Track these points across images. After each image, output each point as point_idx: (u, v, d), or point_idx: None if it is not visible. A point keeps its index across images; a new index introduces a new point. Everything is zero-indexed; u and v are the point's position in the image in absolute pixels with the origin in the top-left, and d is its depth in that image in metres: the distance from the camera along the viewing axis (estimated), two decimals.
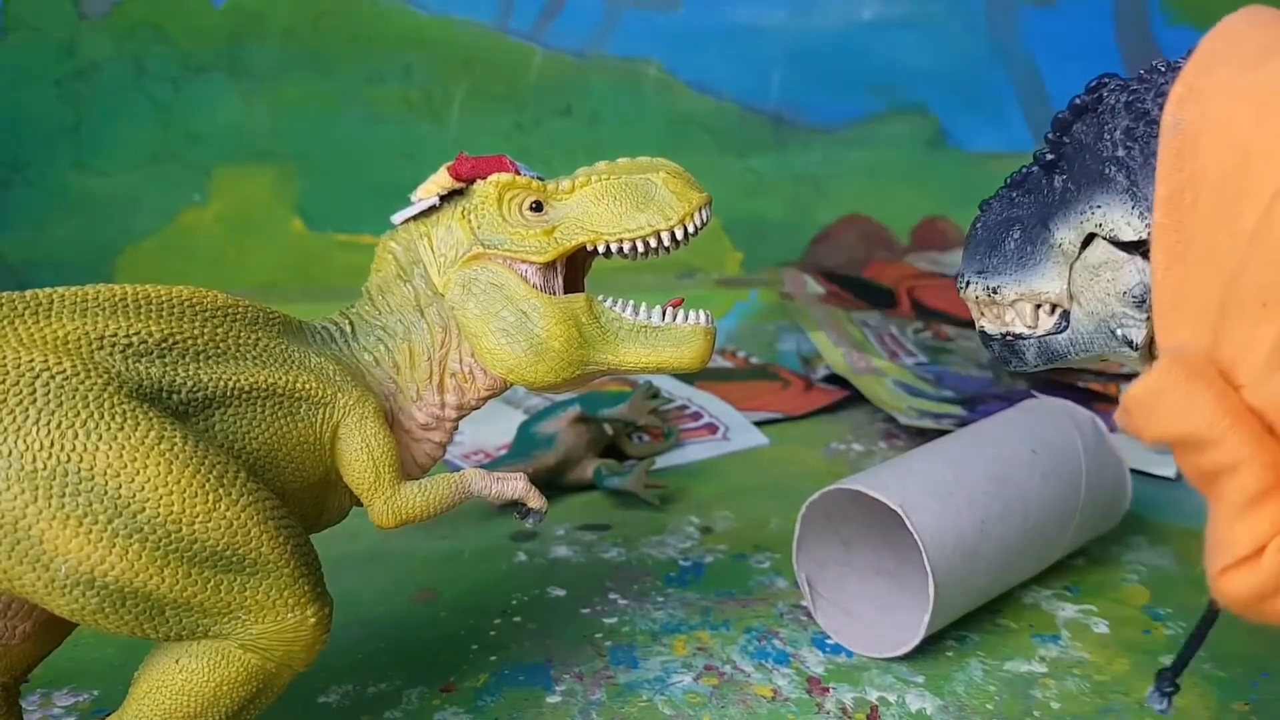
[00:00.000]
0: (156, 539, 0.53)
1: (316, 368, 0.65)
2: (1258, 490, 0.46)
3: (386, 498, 0.66)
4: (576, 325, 0.67)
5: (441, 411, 0.70)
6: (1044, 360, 0.61)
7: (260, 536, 0.56)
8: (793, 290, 1.62)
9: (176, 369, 0.59)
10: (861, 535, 0.86)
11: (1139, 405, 0.49)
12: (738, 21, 1.87)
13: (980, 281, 0.61)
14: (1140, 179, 0.54)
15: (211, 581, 0.54)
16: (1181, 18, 1.93)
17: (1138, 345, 0.56)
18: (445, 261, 0.68)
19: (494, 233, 0.68)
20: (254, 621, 0.56)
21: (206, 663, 0.56)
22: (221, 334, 0.62)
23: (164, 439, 0.54)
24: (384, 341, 0.69)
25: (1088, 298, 0.58)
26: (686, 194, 0.67)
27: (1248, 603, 0.47)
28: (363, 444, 0.65)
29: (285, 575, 0.57)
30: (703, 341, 0.69)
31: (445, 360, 0.69)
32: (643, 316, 0.69)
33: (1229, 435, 0.46)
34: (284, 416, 0.62)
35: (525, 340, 0.67)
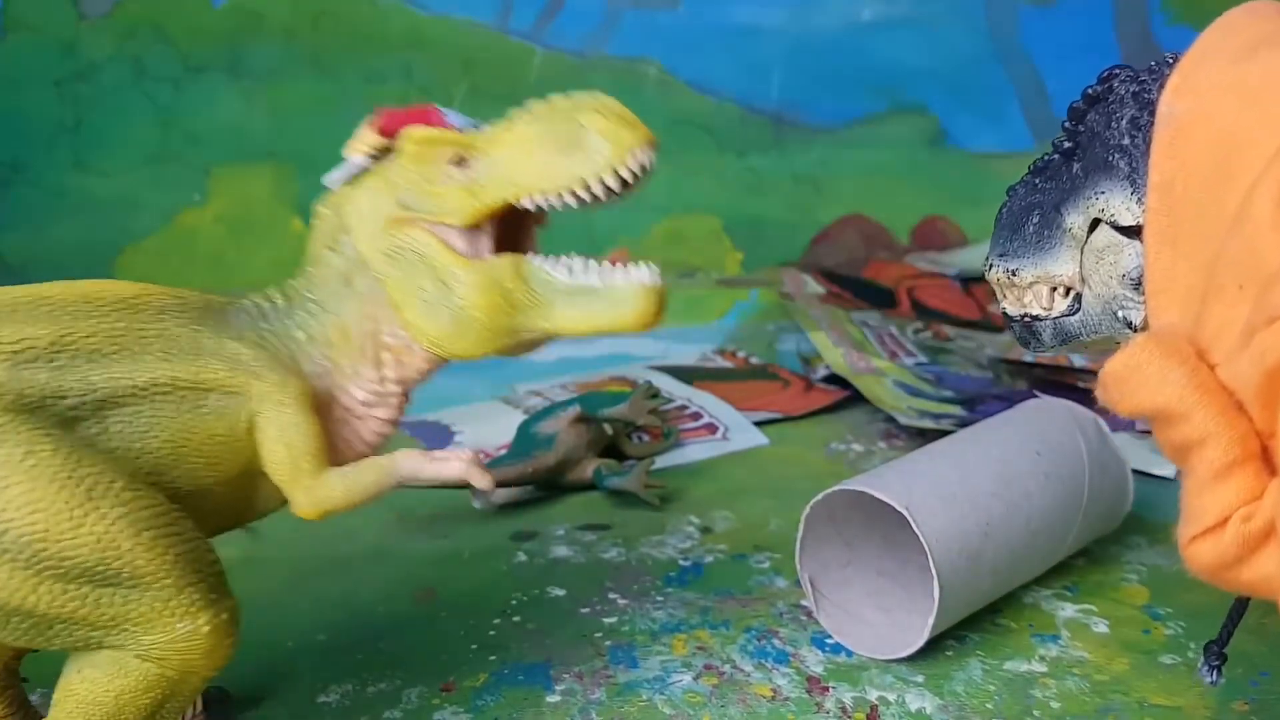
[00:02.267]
0: (26, 559, 0.52)
1: (229, 355, 0.61)
2: (1224, 463, 0.48)
3: (305, 488, 0.62)
4: (501, 292, 0.62)
5: (381, 387, 0.66)
6: (1059, 341, 0.64)
7: (134, 549, 0.54)
8: (793, 290, 1.62)
9: (65, 374, 0.56)
10: (863, 536, 0.86)
11: (1115, 379, 0.51)
12: (738, 21, 1.87)
13: (1001, 264, 0.64)
14: (1140, 166, 0.56)
15: (90, 597, 0.53)
16: (1181, 17, 1.93)
17: (1137, 326, 0.58)
18: (370, 228, 0.64)
19: (414, 194, 0.63)
20: (143, 633, 0.55)
21: (105, 673, 0.55)
22: (120, 329, 0.59)
23: (30, 454, 0.52)
24: (315, 316, 0.65)
25: (1095, 281, 0.60)
26: (620, 135, 0.60)
27: (1213, 571, 0.49)
28: (279, 433, 0.61)
29: (168, 586, 0.55)
30: (645, 300, 0.63)
31: (378, 334, 0.65)
32: (578, 276, 0.63)
33: (1198, 410, 0.48)
34: (189, 411, 0.59)
35: (447, 312, 0.63)
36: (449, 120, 0.64)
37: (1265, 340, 0.46)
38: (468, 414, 1.28)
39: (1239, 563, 0.48)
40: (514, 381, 1.38)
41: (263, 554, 0.94)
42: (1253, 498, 0.48)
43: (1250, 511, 0.48)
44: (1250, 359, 0.47)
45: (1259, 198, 0.47)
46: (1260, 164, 0.48)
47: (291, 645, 0.80)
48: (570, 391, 1.30)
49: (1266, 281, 0.46)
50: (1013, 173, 0.68)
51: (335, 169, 0.66)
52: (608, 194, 0.62)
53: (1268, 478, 0.48)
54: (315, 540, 0.99)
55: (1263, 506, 0.47)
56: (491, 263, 0.63)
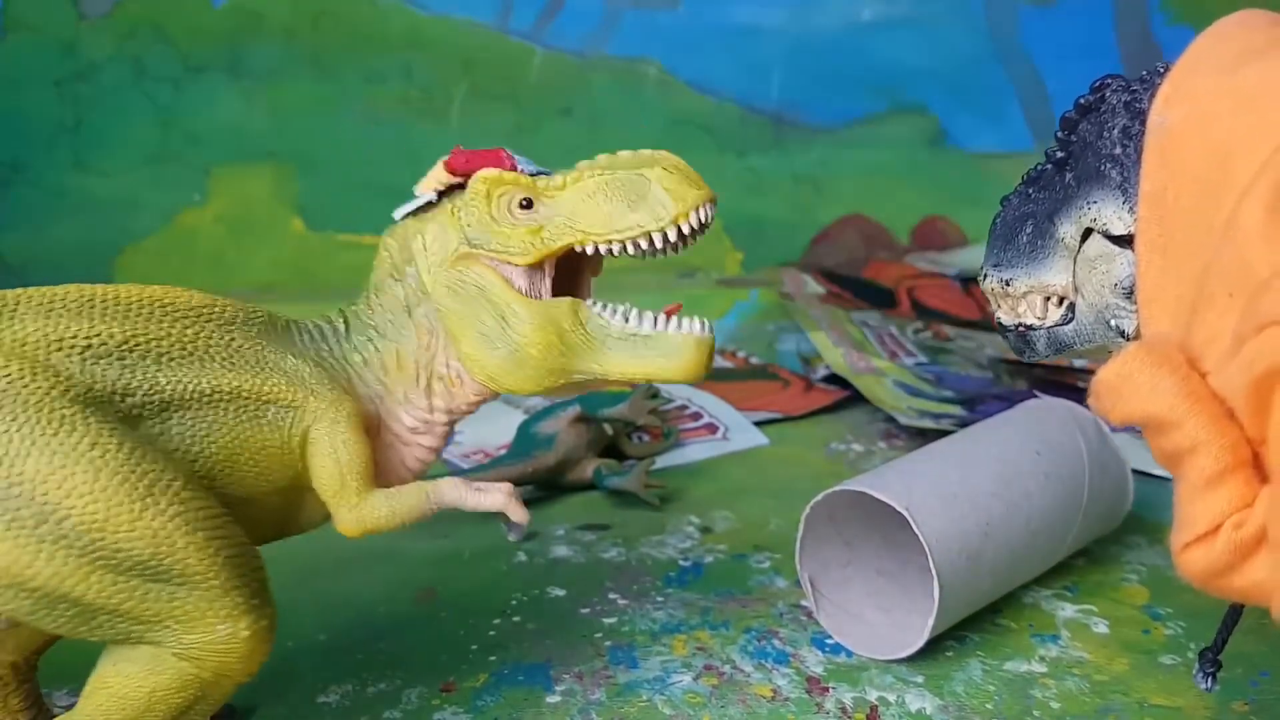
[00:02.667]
0: (81, 547, 0.52)
1: (290, 370, 0.63)
2: (1215, 471, 0.48)
3: (351, 505, 0.64)
4: (558, 332, 0.65)
5: (430, 415, 0.68)
6: (1053, 350, 0.64)
7: (187, 548, 0.55)
8: (793, 290, 1.62)
9: (134, 372, 0.58)
10: (863, 536, 0.86)
11: (1107, 388, 0.51)
12: (738, 21, 1.87)
13: (996, 274, 0.65)
14: (1132, 175, 0.56)
15: (139, 591, 0.54)
16: (1181, 18, 1.93)
17: (1130, 335, 0.58)
18: (435, 261, 0.66)
19: (481, 231, 0.65)
20: (184, 632, 0.56)
21: (142, 668, 0.56)
22: (190, 335, 0.61)
23: (96, 445, 0.53)
24: (374, 342, 0.68)
25: (1088, 290, 0.60)
26: (683, 192, 0.64)
27: (1205, 578, 0.50)
28: (330, 449, 0.63)
29: (215, 588, 0.56)
30: (696, 353, 0.66)
31: (432, 364, 0.68)
32: (633, 324, 0.66)
33: (1189, 418, 0.49)
34: (248, 420, 0.61)
35: (504, 347, 0.65)
36: (519, 164, 0.67)
37: (1254, 348, 0.46)
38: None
39: (1231, 570, 0.48)
40: None
41: (263, 554, 0.94)
42: (1244, 505, 0.48)
43: (1242, 518, 0.48)
44: (1240, 367, 0.47)
45: (1248, 207, 0.47)
46: (1250, 172, 0.48)
47: (291, 645, 0.80)
48: None
49: (1256, 290, 0.46)
50: (1013, 173, 0.69)
51: (404, 203, 0.68)
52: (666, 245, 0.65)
53: (1259, 485, 0.48)
54: (315, 540, 0.99)
55: (1254, 513, 0.48)
56: (550, 303, 0.66)
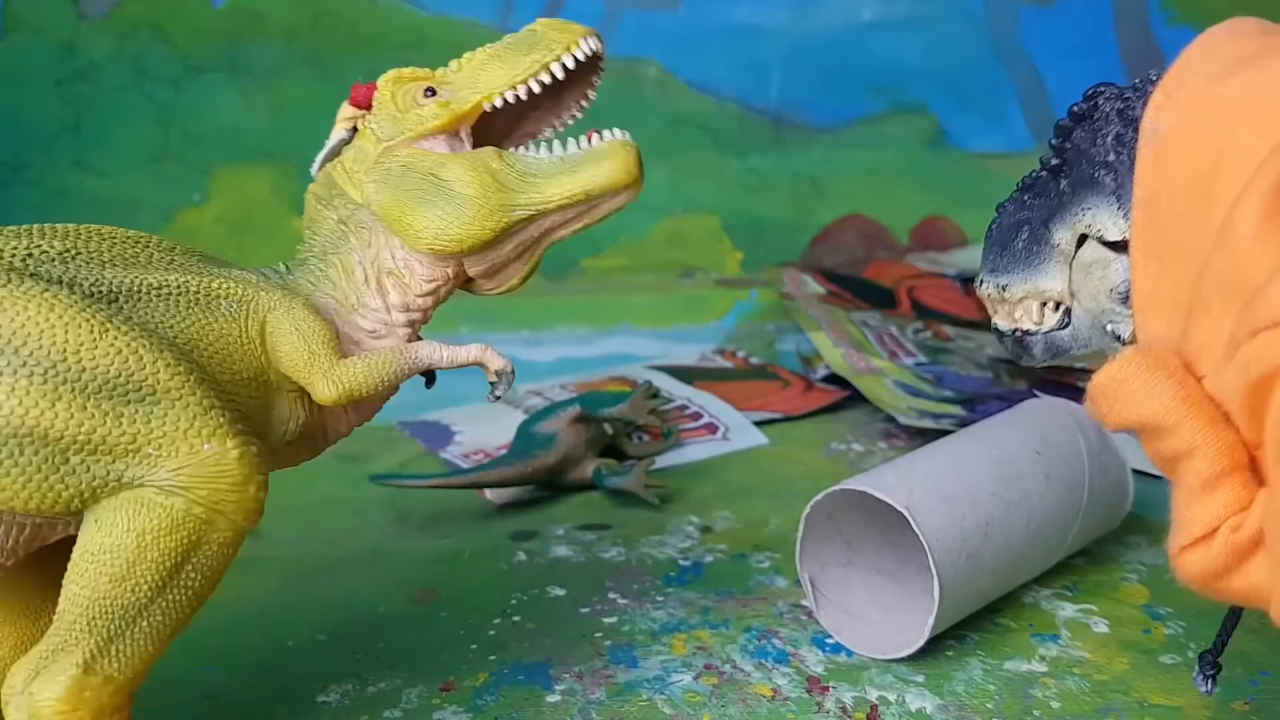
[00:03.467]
0: (43, 372, 0.51)
1: (237, 275, 0.64)
2: (1211, 474, 0.48)
3: (324, 371, 0.63)
4: (490, 172, 0.65)
5: (388, 315, 0.68)
6: (1050, 355, 0.64)
7: (155, 363, 0.53)
8: (793, 290, 1.62)
9: (78, 270, 0.57)
10: (863, 535, 0.86)
11: (1102, 392, 0.52)
12: (738, 21, 1.86)
13: (992, 280, 0.65)
14: (1126, 182, 0.57)
15: (110, 414, 0.52)
16: (1182, 18, 1.93)
17: (1126, 340, 0.59)
18: (358, 173, 0.67)
19: (393, 126, 0.67)
20: (165, 456, 0.53)
21: (125, 514, 0.53)
22: (133, 252, 0.61)
23: (47, 290, 0.53)
24: (316, 267, 0.68)
25: (1084, 295, 0.61)
26: (567, 27, 0.67)
27: (1202, 582, 0.50)
28: (292, 327, 0.63)
29: (192, 404, 0.54)
30: (624, 154, 0.66)
31: (377, 261, 0.67)
32: (557, 151, 0.67)
33: (1185, 422, 0.49)
34: (200, 310, 0.60)
35: (441, 199, 0.65)
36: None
37: (1250, 352, 0.46)
38: (468, 414, 1.28)
39: (1229, 573, 0.49)
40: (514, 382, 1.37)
41: (263, 554, 0.95)
42: (1241, 508, 0.48)
43: (1239, 521, 0.48)
44: (1236, 370, 0.47)
45: (1242, 212, 0.48)
46: (1243, 178, 0.48)
47: (291, 645, 0.80)
48: (570, 391, 1.30)
49: (1251, 294, 0.47)
50: (1013, 173, 0.69)
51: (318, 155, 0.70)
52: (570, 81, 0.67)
53: (1255, 488, 0.48)
54: (315, 540, 0.99)
55: (1251, 516, 0.48)
56: (475, 151, 0.67)
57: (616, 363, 1.45)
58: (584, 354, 1.47)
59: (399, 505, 1.04)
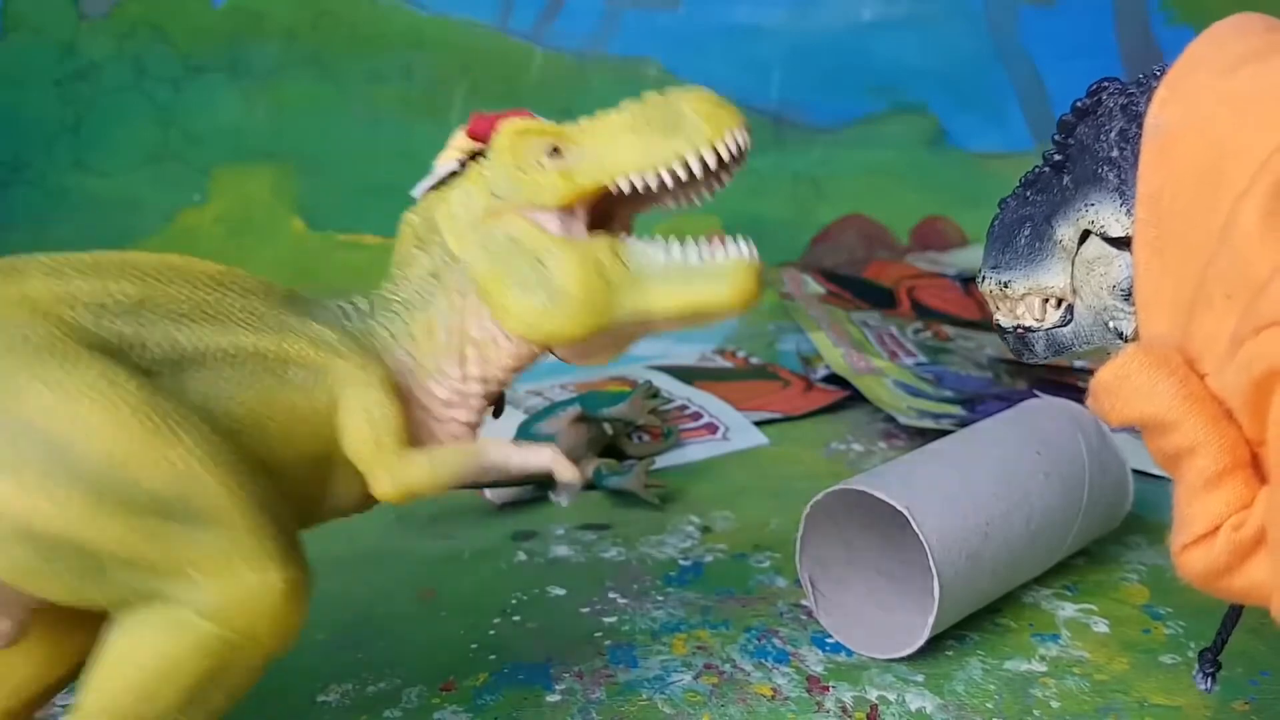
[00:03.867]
0: (91, 482, 0.48)
1: (315, 334, 0.59)
2: (1214, 472, 0.48)
3: (388, 465, 0.60)
4: (598, 268, 0.61)
5: (464, 385, 0.64)
6: (1052, 352, 0.64)
7: (211, 483, 0.50)
8: (793, 290, 1.62)
9: (151, 328, 0.54)
10: (863, 535, 0.86)
11: (1105, 389, 0.52)
12: (738, 21, 1.87)
13: (994, 276, 0.65)
14: (1129, 178, 0.57)
15: (156, 532, 0.49)
16: (1181, 18, 1.93)
17: (1128, 337, 0.59)
18: (462, 224, 0.63)
19: (508, 184, 0.62)
20: (207, 581, 0.50)
21: (156, 631, 0.50)
22: (210, 300, 0.57)
23: (108, 379, 0.49)
24: (401, 315, 0.64)
25: (1086, 292, 0.61)
26: (716, 115, 0.61)
27: (1204, 579, 0.50)
28: (362, 409, 0.59)
29: (241, 529, 0.50)
30: (745, 276, 0.62)
31: (464, 328, 0.63)
32: (675, 254, 0.62)
33: (1187, 419, 0.49)
34: (270, 379, 0.57)
35: (542, 289, 0.61)
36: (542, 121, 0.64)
37: (1253, 349, 0.46)
38: None
39: (1231, 571, 0.49)
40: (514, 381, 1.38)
41: None
42: (1243, 505, 0.48)
43: (1241, 519, 0.48)
44: (1238, 368, 0.47)
45: (1245, 208, 0.48)
46: (1247, 175, 0.48)
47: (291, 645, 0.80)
48: (570, 391, 1.30)
49: (1255, 291, 0.47)
50: (1013, 173, 0.69)
51: (424, 179, 0.65)
52: (705, 174, 0.61)
53: (1258, 485, 0.48)
54: (315, 540, 0.99)
55: (1253, 514, 0.48)
56: (588, 241, 0.62)
57: (616, 363, 1.45)
58: None
59: (399, 505, 1.04)
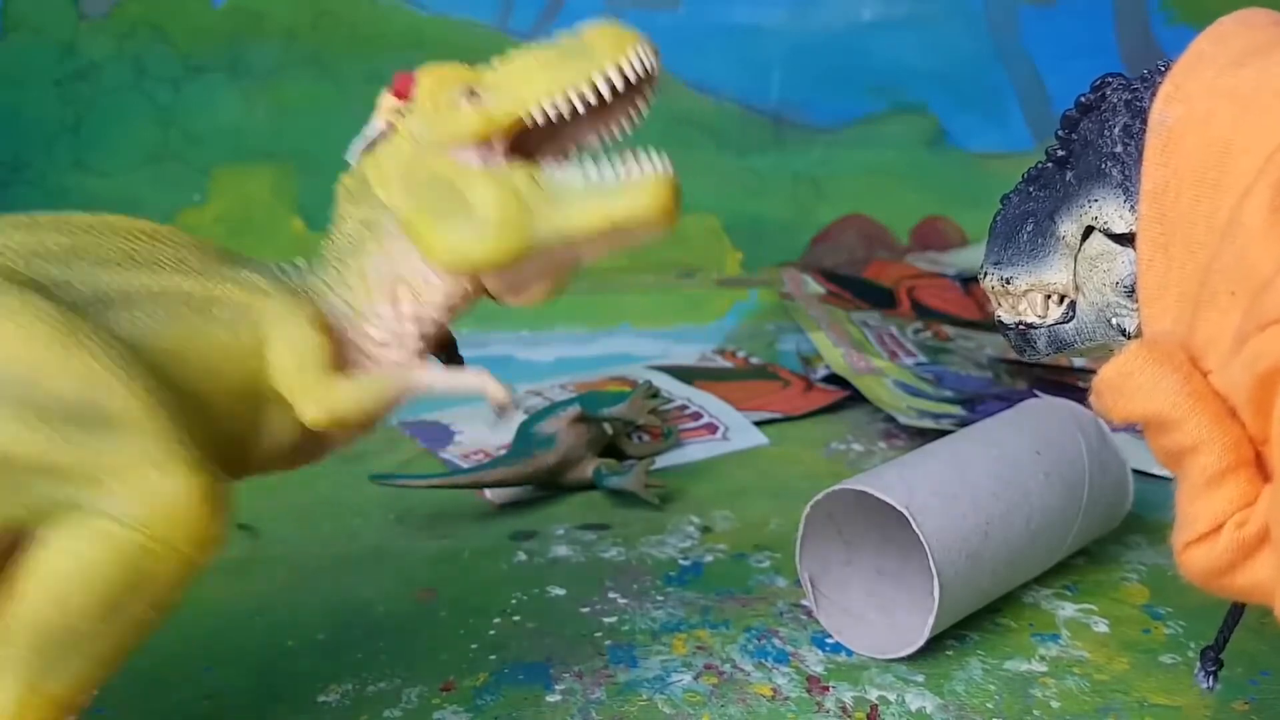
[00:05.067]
0: (9, 394, 0.50)
1: (243, 279, 0.62)
2: (1217, 470, 0.48)
3: (314, 393, 0.61)
4: (516, 193, 0.63)
5: (398, 325, 0.66)
6: (1054, 349, 0.64)
7: (120, 388, 0.52)
8: (793, 290, 1.62)
9: (78, 270, 0.56)
10: (863, 535, 0.86)
11: (1108, 386, 0.52)
12: (738, 21, 1.87)
13: (996, 272, 0.65)
14: (1133, 174, 0.56)
15: (69, 438, 0.50)
16: (1182, 18, 1.93)
17: (1131, 334, 0.58)
18: (388, 173, 0.65)
19: (429, 126, 0.64)
20: (122, 487, 0.51)
21: (73, 540, 0.51)
22: (142, 249, 0.60)
23: (26, 303, 0.52)
24: (336, 266, 0.66)
25: (1089, 288, 0.60)
26: (618, 36, 0.63)
27: (1206, 578, 0.50)
28: (286, 342, 0.61)
29: (151, 433, 0.52)
30: (661, 188, 0.63)
31: (394, 269, 0.65)
32: (591, 174, 0.63)
33: (1191, 416, 0.49)
34: (195, 317, 0.59)
35: (463, 219, 0.63)
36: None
37: (1258, 346, 0.46)
38: (468, 414, 1.27)
39: (1234, 569, 0.48)
40: (514, 381, 1.37)
41: (263, 554, 0.95)
42: (1246, 503, 0.48)
43: (1244, 517, 0.48)
44: (1243, 365, 0.47)
45: (1251, 205, 0.47)
46: (1252, 171, 0.48)
47: (291, 645, 0.80)
48: (570, 391, 1.30)
49: (1259, 288, 0.46)
50: (1013, 173, 0.69)
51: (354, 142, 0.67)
52: (616, 97, 0.63)
53: (1261, 483, 0.48)
54: (315, 540, 0.99)
55: (1257, 512, 0.47)
56: (505, 168, 0.64)
57: (616, 363, 1.45)
58: (584, 354, 1.47)
59: (399, 505, 1.04)
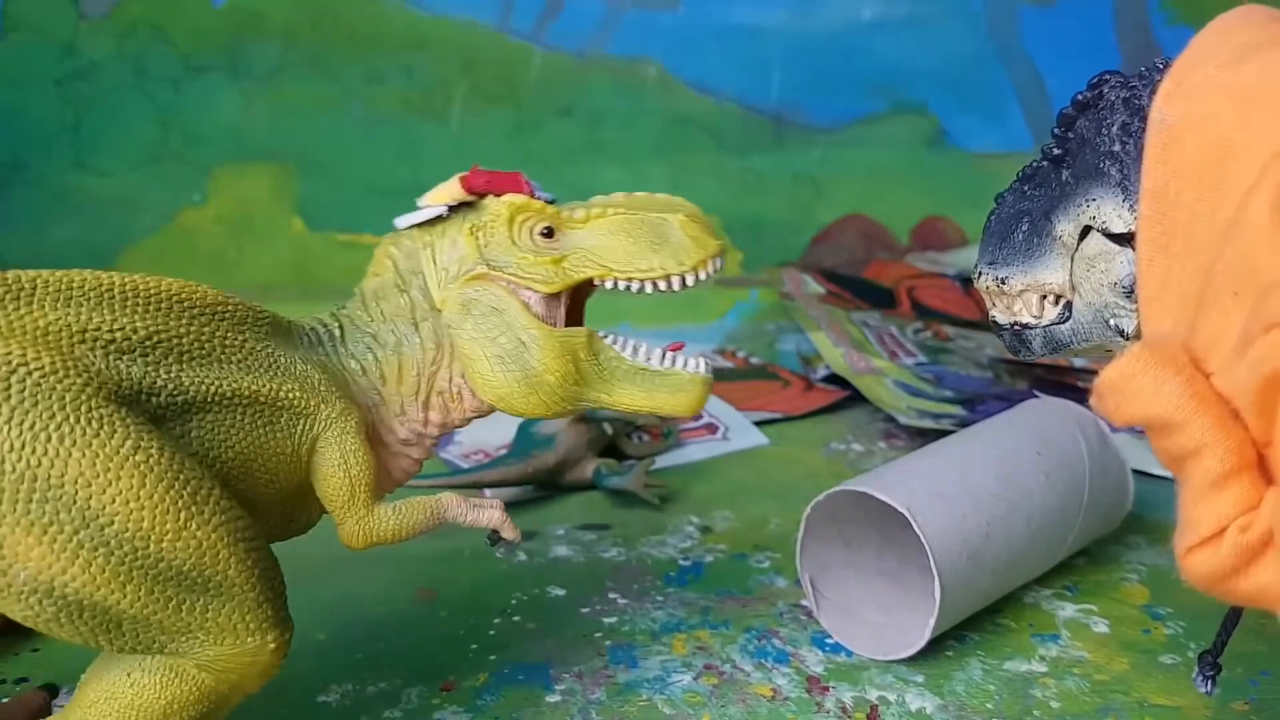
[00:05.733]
0: (122, 554, 0.51)
1: (302, 376, 0.63)
2: (1220, 473, 0.48)
3: (359, 518, 0.65)
4: (574, 361, 0.66)
5: (424, 429, 0.69)
6: (1050, 349, 0.63)
7: (229, 559, 0.54)
8: (793, 290, 1.62)
9: (158, 370, 0.56)
10: (864, 536, 0.86)
11: (1110, 388, 0.51)
12: (738, 21, 1.86)
13: (991, 272, 0.64)
14: (1132, 173, 0.56)
15: (174, 601, 0.53)
16: (1181, 18, 1.93)
17: (1129, 335, 0.58)
18: (446, 276, 0.67)
19: (501, 254, 0.66)
20: (213, 643, 0.55)
21: (159, 679, 0.55)
22: (208, 334, 0.60)
23: (139, 449, 0.52)
24: (373, 350, 0.67)
25: (1086, 288, 0.60)
26: (704, 240, 0.66)
27: (1210, 582, 0.49)
28: (341, 460, 0.63)
29: (250, 600, 0.55)
30: (699, 390, 0.68)
31: (435, 378, 0.68)
32: (641, 359, 0.68)
33: (1194, 419, 0.48)
34: (263, 426, 0.61)
35: (520, 370, 0.66)
36: (536, 191, 0.68)
37: (1262, 348, 0.45)
38: None
39: (1237, 573, 0.48)
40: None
41: None
42: (1250, 507, 0.48)
43: (1248, 521, 0.47)
44: (1247, 367, 0.46)
45: (1255, 204, 0.47)
46: (1255, 169, 0.48)
47: (291, 645, 0.80)
48: None
49: (1263, 289, 0.46)
50: (1012, 173, 0.68)
51: (410, 213, 0.68)
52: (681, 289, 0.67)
53: (1265, 487, 0.48)
54: (315, 540, 0.99)
55: (1260, 516, 0.47)
56: (571, 332, 0.67)
57: None
58: None
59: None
